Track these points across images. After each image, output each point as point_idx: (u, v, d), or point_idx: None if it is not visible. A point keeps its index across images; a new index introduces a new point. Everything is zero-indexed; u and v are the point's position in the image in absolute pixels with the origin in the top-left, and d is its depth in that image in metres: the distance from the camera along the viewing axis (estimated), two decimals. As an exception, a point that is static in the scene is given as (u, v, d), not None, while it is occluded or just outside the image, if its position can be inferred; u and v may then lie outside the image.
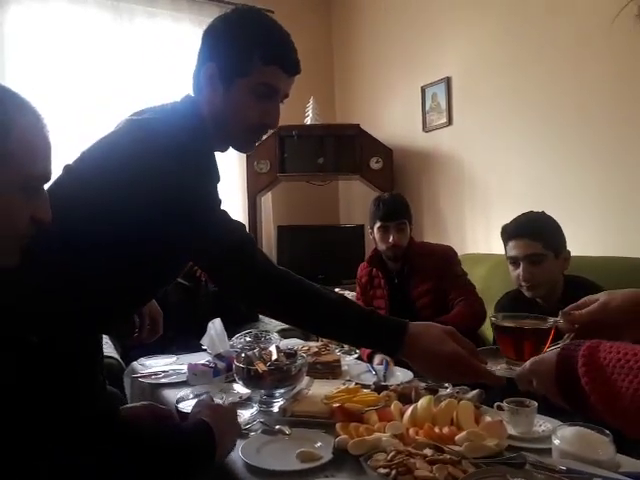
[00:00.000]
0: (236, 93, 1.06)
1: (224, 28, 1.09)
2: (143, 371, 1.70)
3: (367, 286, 2.20)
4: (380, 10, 3.65)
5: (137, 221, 0.95)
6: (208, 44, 1.10)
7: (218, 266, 1.01)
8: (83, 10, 3.21)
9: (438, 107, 3.19)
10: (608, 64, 2.28)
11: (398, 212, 2.05)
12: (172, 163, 0.95)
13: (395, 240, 2.01)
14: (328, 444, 1.03)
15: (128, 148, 0.98)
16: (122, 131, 1.05)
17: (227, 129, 1.10)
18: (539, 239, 1.55)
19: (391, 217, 2.03)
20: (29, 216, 0.74)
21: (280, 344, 1.68)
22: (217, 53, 1.07)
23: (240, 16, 1.10)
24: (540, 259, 1.54)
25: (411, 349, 0.94)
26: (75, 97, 3.15)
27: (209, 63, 1.07)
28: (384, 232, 2.04)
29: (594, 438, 0.97)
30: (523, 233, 1.57)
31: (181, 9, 3.52)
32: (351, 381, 1.46)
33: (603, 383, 0.60)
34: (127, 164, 0.96)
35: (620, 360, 0.60)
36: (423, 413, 1.10)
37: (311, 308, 1.00)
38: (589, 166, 2.39)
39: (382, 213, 2.03)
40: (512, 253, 1.60)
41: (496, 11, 2.81)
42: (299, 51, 1.11)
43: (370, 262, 2.18)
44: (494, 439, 1.00)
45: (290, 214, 3.86)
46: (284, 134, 3.42)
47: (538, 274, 1.55)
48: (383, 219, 2.04)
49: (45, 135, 0.77)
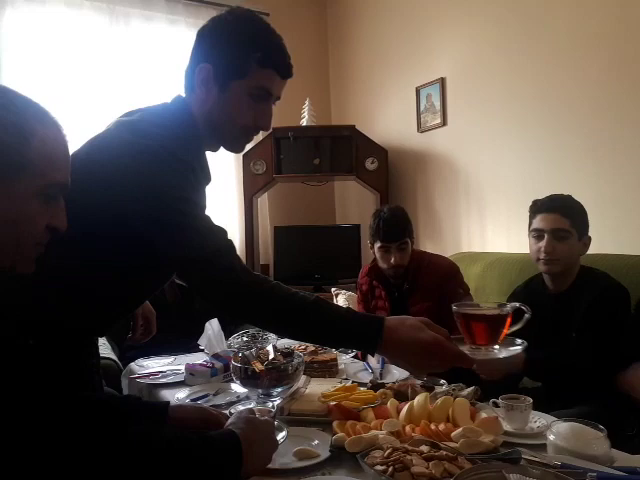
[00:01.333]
0: (231, 95, 1.07)
1: (220, 29, 1.08)
2: (141, 372, 1.70)
3: (368, 295, 2.15)
4: (375, 12, 3.67)
5: (121, 225, 0.96)
6: (203, 45, 1.09)
7: (188, 273, 0.98)
8: (79, 13, 3.20)
9: (433, 108, 3.21)
10: (602, 64, 2.30)
11: (399, 232, 1.96)
12: (157, 167, 0.95)
13: (397, 260, 1.95)
14: (325, 442, 1.04)
15: (116, 150, 0.99)
16: (111, 133, 1.05)
17: (220, 130, 1.10)
18: (568, 216, 1.58)
19: (392, 238, 1.95)
20: (45, 224, 0.76)
21: (277, 343, 1.69)
22: (213, 54, 1.06)
23: (236, 18, 1.09)
24: (565, 235, 1.57)
25: (390, 341, 0.91)
26: (71, 100, 3.14)
27: (204, 64, 1.06)
28: (385, 252, 1.97)
29: (589, 433, 0.98)
30: (555, 208, 1.60)
31: (177, 12, 3.52)
32: (348, 379, 1.47)
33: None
34: (114, 167, 0.96)
35: None
36: (419, 410, 1.11)
37: (286, 316, 0.94)
38: (582, 166, 2.40)
39: (383, 233, 1.95)
40: (539, 225, 1.62)
41: (490, 12, 2.82)
42: (294, 53, 1.12)
43: (370, 274, 2.13)
44: (490, 435, 1.01)
45: (286, 215, 3.87)
46: (280, 135, 3.43)
47: (560, 249, 1.57)
48: (384, 240, 1.96)
49: (65, 145, 0.79)
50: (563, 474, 0.81)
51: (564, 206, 1.61)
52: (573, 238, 1.59)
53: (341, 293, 3.01)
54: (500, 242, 2.82)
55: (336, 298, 3.02)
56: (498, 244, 2.82)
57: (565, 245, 1.58)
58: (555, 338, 1.57)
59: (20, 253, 0.75)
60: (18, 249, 0.75)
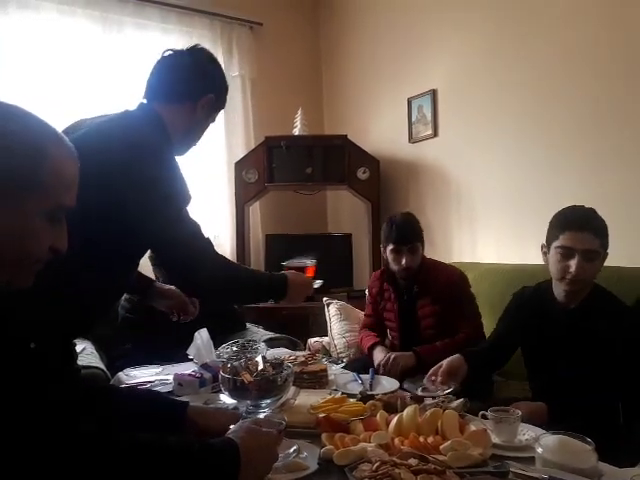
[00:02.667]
0: (207, 121, 1.43)
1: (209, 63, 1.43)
2: (129, 381, 1.68)
3: (377, 297, 2.28)
4: (368, 23, 3.70)
5: (113, 213, 1.10)
6: (203, 75, 1.39)
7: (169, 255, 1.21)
8: (72, 21, 3.19)
9: (424, 119, 3.23)
10: (591, 77, 2.33)
11: (410, 235, 2.08)
12: (152, 160, 1.15)
13: (407, 263, 2.04)
14: (314, 454, 1.03)
15: (110, 143, 1.15)
16: (97, 128, 1.23)
17: (186, 141, 1.43)
18: (598, 235, 1.50)
19: (404, 241, 2.06)
20: (49, 244, 0.77)
21: (267, 354, 1.68)
22: (214, 86, 1.41)
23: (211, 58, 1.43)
24: (595, 256, 1.50)
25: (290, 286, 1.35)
26: (64, 108, 3.12)
27: (211, 94, 1.38)
28: (397, 254, 2.07)
29: (577, 447, 0.99)
30: (587, 227, 1.50)
31: (170, 21, 3.53)
32: (337, 390, 1.47)
33: None
34: (109, 158, 1.11)
35: None
36: (408, 422, 1.11)
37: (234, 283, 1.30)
38: (570, 177, 2.43)
39: (395, 236, 2.06)
40: (569, 244, 1.50)
41: (481, 26, 2.86)
42: (287, 63, 1.17)
43: (381, 277, 2.25)
44: (478, 448, 1.01)
45: (278, 223, 3.87)
46: (272, 144, 3.43)
47: (588, 270, 1.49)
48: (396, 242, 2.06)
49: (76, 169, 0.81)
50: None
51: (595, 225, 1.51)
52: (600, 258, 1.52)
53: (333, 302, 3.00)
54: (490, 252, 2.84)
55: (327, 307, 3.01)
56: (488, 254, 2.83)
57: (593, 266, 1.50)
58: (570, 359, 1.52)
59: (20, 268, 0.76)
60: (19, 264, 0.76)
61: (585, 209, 1.56)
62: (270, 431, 0.94)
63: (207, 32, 3.66)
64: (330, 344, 2.86)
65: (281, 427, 1.02)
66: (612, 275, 1.84)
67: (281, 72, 3.93)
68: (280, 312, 3.41)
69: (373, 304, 2.30)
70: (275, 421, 1.05)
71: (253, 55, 3.79)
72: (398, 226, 2.07)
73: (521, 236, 2.66)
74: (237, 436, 0.87)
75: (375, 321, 2.32)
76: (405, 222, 2.10)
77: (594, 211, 1.55)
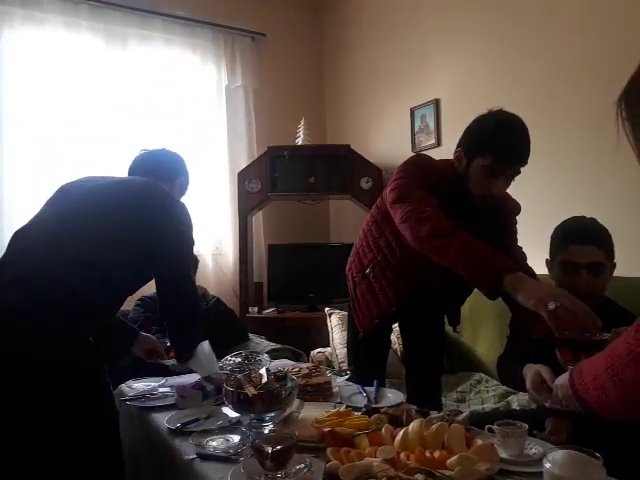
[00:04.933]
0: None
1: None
2: (131, 394, 1.67)
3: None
4: (371, 33, 3.72)
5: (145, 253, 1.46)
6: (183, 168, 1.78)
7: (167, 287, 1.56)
8: (76, 35, 3.22)
9: (427, 128, 3.24)
10: (595, 83, 2.33)
11: (525, 155, 1.49)
12: (183, 215, 1.56)
13: (499, 190, 1.53)
14: (319, 469, 1.02)
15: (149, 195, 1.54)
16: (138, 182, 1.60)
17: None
18: (603, 247, 1.45)
19: (514, 162, 1.50)
20: None
21: (270, 365, 1.67)
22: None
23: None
24: (601, 269, 1.45)
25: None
26: (68, 120, 3.15)
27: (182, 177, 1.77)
28: (490, 176, 1.50)
29: (585, 461, 0.97)
30: (589, 239, 1.44)
31: (174, 32, 3.56)
32: (342, 403, 1.45)
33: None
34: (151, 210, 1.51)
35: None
36: (414, 437, 1.10)
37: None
38: (576, 184, 2.43)
39: (507, 152, 1.48)
40: (572, 258, 1.45)
41: (484, 35, 2.87)
42: (290, 73, 1.16)
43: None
44: (485, 463, 1.00)
45: (281, 233, 3.87)
46: (275, 154, 3.44)
47: (595, 284, 1.44)
48: (504, 161, 1.48)
49: None
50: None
51: (598, 236, 1.46)
52: (607, 270, 1.47)
53: (335, 313, 2.99)
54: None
55: (329, 318, 3.00)
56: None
57: (600, 279, 1.45)
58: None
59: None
60: None
61: (586, 220, 1.52)
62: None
63: (210, 43, 3.69)
64: (332, 354, 2.84)
65: (292, 441, 1.01)
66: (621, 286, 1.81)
67: (284, 82, 3.96)
68: (283, 322, 3.40)
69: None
70: (286, 435, 1.05)
71: (256, 66, 3.82)
72: (514, 140, 1.48)
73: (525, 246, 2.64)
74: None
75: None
76: (521, 137, 1.49)
77: (595, 221, 1.51)
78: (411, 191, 1.54)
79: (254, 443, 1.03)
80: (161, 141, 3.34)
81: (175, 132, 3.46)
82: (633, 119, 0.81)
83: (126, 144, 3.18)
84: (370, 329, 1.73)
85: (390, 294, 1.66)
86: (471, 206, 1.55)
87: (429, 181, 1.56)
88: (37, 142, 3.06)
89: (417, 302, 1.73)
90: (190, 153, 3.28)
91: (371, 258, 1.73)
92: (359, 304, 1.78)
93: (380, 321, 1.71)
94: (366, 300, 1.74)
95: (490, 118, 1.53)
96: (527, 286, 1.22)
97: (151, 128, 3.39)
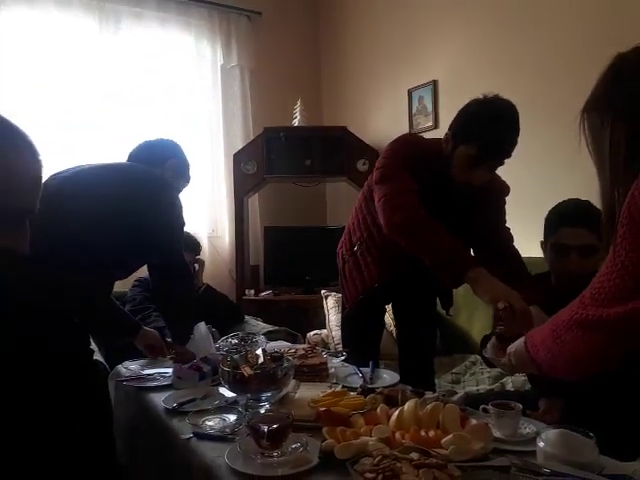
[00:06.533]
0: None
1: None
2: (128, 375, 1.67)
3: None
4: (368, 13, 3.67)
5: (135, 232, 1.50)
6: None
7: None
8: (68, 14, 3.15)
9: (424, 110, 3.21)
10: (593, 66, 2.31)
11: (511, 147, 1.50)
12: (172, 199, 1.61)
13: (481, 178, 1.52)
14: (315, 448, 1.03)
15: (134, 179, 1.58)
16: (126, 166, 1.67)
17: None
18: (595, 229, 1.41)
19: (501, 155, 1.51)
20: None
21: (266, 347, 1.67)
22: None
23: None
24: (592, 251, 1.42)
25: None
26: (61, 105, 3.10)
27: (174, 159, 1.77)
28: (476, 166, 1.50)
29: (578, 440, 0.98)
30: (580, 221, 1.43)
31: (168, 10, 3.49)
32: (338, 384, 1.46)
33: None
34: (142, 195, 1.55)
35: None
36: (409, 416, 1.11)
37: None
38: (572, 170, 2.41)
39: (494, 145, 1.47)
40: (563, 240, 1.46)
41: (482, 16, 2.83)
42: (286, 53, 1.14)
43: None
44: (480, 442, 1.01)
45: (277, 215, 3.85)
46: (271, 135, 3.41)
47: (586, 266, 1.42)
48: (490, 154, 1.50)
49: (37, 172, 0.77)
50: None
51: (590, 219, 1.42)
52: (600, 252, 1.41)
53: (331, 295, 3.00)
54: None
55: (326, 300, 3.01)
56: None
57: (591, 261, 1.43)
58: None
59: None
60: None
61: (579, 203, 1.51)
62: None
63: (205, 22, 3.62)
64: (328, 336, 2.86)
65: (288, 420, 1.02)
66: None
67: (280, 62, 3.90)
68: (279, 305, 3.41)
69: None
70: (282, 414, 1.05)
71: (252, 45, 3.76)
72: (503, 136, 1.46)
73: (523, 228, 2.64)
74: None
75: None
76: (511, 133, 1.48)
77: (589, 204, 1.48)
78: (393, 173, 1.56)
79: (250, 422, 1.04)
80: (156, 123, 3.31)
81: (170, 113, 3.42)
82: (592, 131, 0.96)
83: (120, 128, 3.15)
84: (355, 305, 1.76)
85: (374, 271, 1.69)
86: (458, 187, 1.56)
87: (416, 161, 1.57)
88: (29, 128, 3.00)
89: (407, 283, 1.74)
90: (185, 134, 3.26)
91: (359, 235, 1.75)
92: (347, 281, 1.81)
93: (365, 297, 1.73)
94: (353, 277, 1.77)
95: (481, 106, 1.51)
96: (485, 283, 1.33)
97: (145, 110, 3.35)
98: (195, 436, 1.15)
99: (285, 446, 1.02)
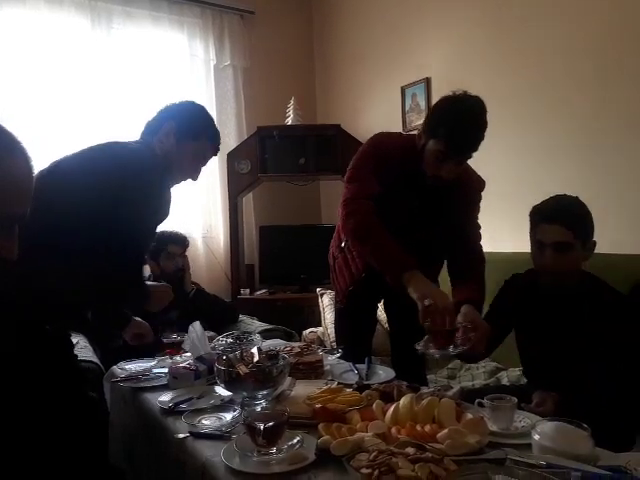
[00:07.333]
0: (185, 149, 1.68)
1: (189, 109, 1.82)
2: (123, 375, 1.67)
3: None
4: (361, 11, 3.66)
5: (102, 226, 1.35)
6: (174, 111, 1.77)
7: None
8: (60, 13, 3.12)
9: (418, 107, 3.22)
10: (589, 64, 2.32)
11: (474, 145, 1.56)
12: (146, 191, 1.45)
13: (448, 174, 1.57)
14: (311, 445, 1.03)
15: (105, 165, 1.45)
16: (98, 151, 1.55)
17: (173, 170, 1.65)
18: (572, 227, 1.44)
19: (460, 151, 1.57)
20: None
21: (262, 345, 1.67)
22: (179, 118, 1.72)
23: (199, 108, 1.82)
24: (566, 248, 1.44)
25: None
26: (53, 104, 3.07)
27: (171, 121, 1.70)
28: (440, 160, 1.57)
29: (573, 433, 0.99)
30: (557, 219, 1.45)
31: (161, 9, 3.46)
32: (333, 380, 1.46)
33: None
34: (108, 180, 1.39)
35: None
36: (405, 412, 1.11)
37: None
38: (568, 164, 2.43)
39: (453, 141, 1.53)
40: (539, 237, 1.49)
41: (476, 14, 2.83)
42: (279, 51, 1.14)
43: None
44: (475, 436, 1.01)
45: (272, 214, 3.85)
46: (265, 134, 3.41)
47: (563, 262, 1.45)
48: (450, 150, 1.54)
49: (30, 177, 0.77)
50: (548, 474, 0.81)
51: (568, 215, 1.45)
52: (577, 249, 1.46)
53: (326, 293, 3.00)
54: (485, 241, 2.82)
55: (321, 298, 3.01)
56: (484, 243, 2.82)
57: (568, 258, 1.45)
58: (559, 345, 1.49)
59: None
60: None
61: (560, 199, 1.51)
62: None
63: (198, 20, 3.61)
64: (324, 334, 2.86)
65: (284, 417, 1.02)
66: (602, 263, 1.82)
67: (273, 61, 3.89)
68: (275, 304, 3.41)
69: None
70: (278, 412, 1.05)
71: (245, 44, 3.75)
72: (463, 130, 1.51)
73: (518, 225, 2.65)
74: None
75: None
76: (472, 128, 1.53)
77: (570, 201, 1.50)
78: (359, 174, 1.68)
79: (246, 420, 1.03)
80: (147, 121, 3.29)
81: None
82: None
83: (112, 127, 3.13)
84: (344, 298, 1.84)
85: (360, 263, 1.76)
86: (430, 181, 1.63)
87: (388, 160, 1.65)
88: (21, 127, 2.98)
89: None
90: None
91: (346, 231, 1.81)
92: (337, 277, 1.89)
93: (355, 289, 1.79)
94: (342, 272, 1.85)
95: (449, 103, 1.59)
96: (416, 283, 1.48)
97: (138, 108, 3.33)
98: (191, 435, 1.15)
99: (281, 443, 1.02)
